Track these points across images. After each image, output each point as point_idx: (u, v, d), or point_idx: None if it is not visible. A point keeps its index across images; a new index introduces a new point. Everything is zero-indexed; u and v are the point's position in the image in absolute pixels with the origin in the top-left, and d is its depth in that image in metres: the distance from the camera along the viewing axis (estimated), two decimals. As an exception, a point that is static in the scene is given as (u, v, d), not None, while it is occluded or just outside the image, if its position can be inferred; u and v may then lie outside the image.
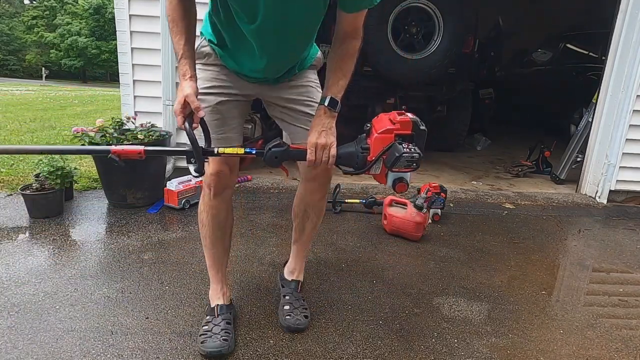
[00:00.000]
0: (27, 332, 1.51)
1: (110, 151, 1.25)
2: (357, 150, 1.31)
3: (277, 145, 1.29)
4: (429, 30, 3.90)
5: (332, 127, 1.30)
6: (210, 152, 1.28)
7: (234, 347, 1.48)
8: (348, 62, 1.34)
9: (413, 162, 1.24)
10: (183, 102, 1.21)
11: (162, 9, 2.92)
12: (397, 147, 1.24)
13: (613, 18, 3.30)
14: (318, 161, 1.28)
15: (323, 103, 1.31)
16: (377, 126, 1.30)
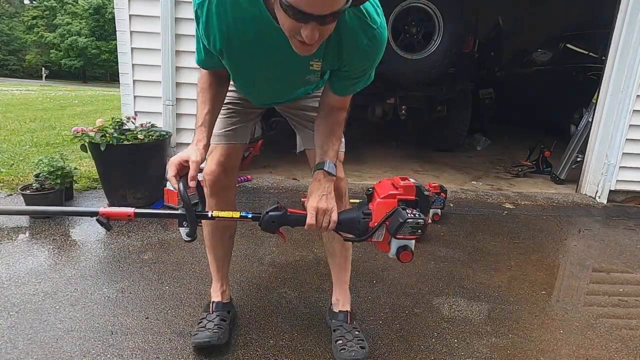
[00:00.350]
0: (27, 332, 1.51)
1: (98, 212, 1.21)
2: (358, 215, 1.25)
3: (274, 210, 1.24)
4: (429, 30, 3.90)
5: (331, 191, 1.27)
6: (204, 215, 1.25)
7: (227, 341, 1.48)
8: (339, 129, 1.35)
9: (418, 228, 1.17)
10: (184, 161, 1.21)
11: (162, 9, 2.92)
12: (401, 213, 1.18)
13: (613, 18, 3.30)
14: (318, 226, 1.23)
15: (322, 168, 1.28)
16: (379, 191, 1.26)
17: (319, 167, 1.29)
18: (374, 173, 3.90)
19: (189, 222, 1.21)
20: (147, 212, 1.34)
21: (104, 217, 1.21)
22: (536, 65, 6.68)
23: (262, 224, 1.24)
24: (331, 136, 1.32)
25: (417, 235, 1.19)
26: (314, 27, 0.92)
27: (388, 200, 1.22)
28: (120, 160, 2.66)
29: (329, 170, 1.28)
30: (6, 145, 4.40)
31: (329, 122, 1.33)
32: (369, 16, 1.10)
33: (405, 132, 5.62)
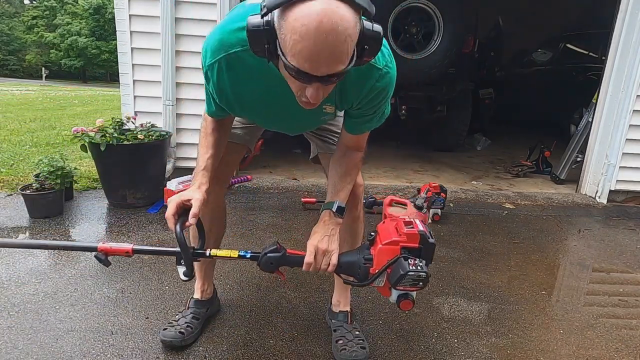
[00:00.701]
0: (27, 332, 1.51)
1: (96, 248, 1.20)
2: (359, 260, 1.21)
3: (273, 250, 1.21)
4: (429, 30, 3.90)
5: (335, 234, 1.24)
6: (201, 254, 1.23)
7: (192, 342, 1.49)
8: (354, 170, 1.34)
9: (419, 281, 1.13)
10: (185, 200, 1.19)
11: (162, 9, 2.92)
12: (402, 264, 1.13)
13: (613, 18, 3.30)
14: (317, 266, 1.20)
15: (330, 208, 1.26)
16: (382, 235, 1.21)
17: (327, 206, 1.27)
18: (373, 173, 3.91)
19: (185, 262, 1.19)
20: (145, 248, 1.35)
21: (102, 254, 1.21)
22: (536, 65, 6.68)
23: (260, 265, 1.22)
24: (346, 176, 1.31)
25: (419, 287, 1.14)
26: (319, 87, 0.93)
27: (390, 247, 1.17)
28: (120, 160, 2.67)
29: (336, 211, 1.26)
30: (6, 145, 4.40)
31: (344, 163, 1.32)
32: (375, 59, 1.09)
33: (405, 132, 5.62)
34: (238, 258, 1.23)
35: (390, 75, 1.15)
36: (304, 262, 1.19)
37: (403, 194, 3.27)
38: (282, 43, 0.88)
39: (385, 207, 2.62)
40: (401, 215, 2.54)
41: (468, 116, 4.85)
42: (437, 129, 5.09)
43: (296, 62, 0.87)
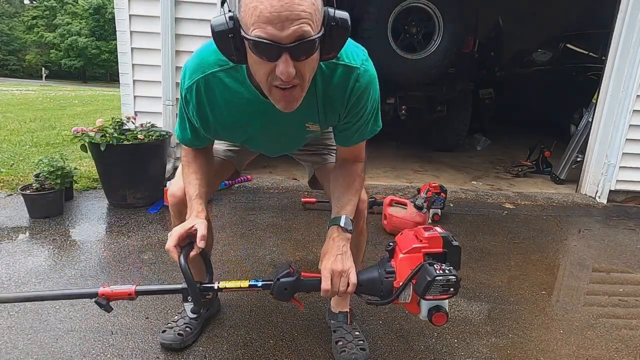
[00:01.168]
0: (27, 332, 1.51)
1: (97, 294, 1.12)
2: (380, 274, 1.12)
3: (286, 275, 1.12)
4: (429, 30, 3.90)
5: (347, 250, 1.16)
6: (209, 287, 1.15)
7: (191, 343, 1.49)
8: (358, 180, 1.27)
9: (450, 286, 1.03)
10: (189, 228, 1.13)
11: (162, 9, 2.92)
12: (428, 270, 1.04)
13: (613, 18, 3.30)
14: (334, 290, 1.11)
15: (337, 223, 1.19)
16: (401, 245, 1.12)
17: (334, 222, 1.20)
18: (373, 173, 3.91)
19: (193, 298, 1.12)
20: (149, 289, 1.25)
21: (103, 299, 1.13)
22: (536, 65, 6.68)
23: (273, 293, 1.13)
24: (350, 188, 1.25)
25: (450, 294, 1.04)
26: (287, 60, 0.88)
27: (412, 254, 1.08)
28: (120, 160, 2.67)
29: (344, 226, 1.18)
30: (6, 145, 4.40)
31: (346, 174, 1.27)
32: (348, 58, 1.09)
33: (405, 132, 5.62)
34: (249, 288, 1.17)
35: (370, 74, 1.12)
36: (322, 289, 1.10)
37: (403, 194, 3.27)
38: (243, 21, 0.87)
39: (385, 207, 2.62)
40: (401, 215, 2.54)
41: (468, 116, 4.85)
42: (437, 129, 5.09)
43: (259, 30, 0.84)
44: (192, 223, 1.14)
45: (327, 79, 1.09)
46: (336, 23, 0.90)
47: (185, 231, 1.13)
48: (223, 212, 2.78)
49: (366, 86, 1.12)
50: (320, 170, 1.52)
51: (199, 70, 1.10)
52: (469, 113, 4.84)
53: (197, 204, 1.20)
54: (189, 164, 1.28)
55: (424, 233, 1.10)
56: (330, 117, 1.17)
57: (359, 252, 1.51)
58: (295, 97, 0.98)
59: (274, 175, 3.57)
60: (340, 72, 1.08)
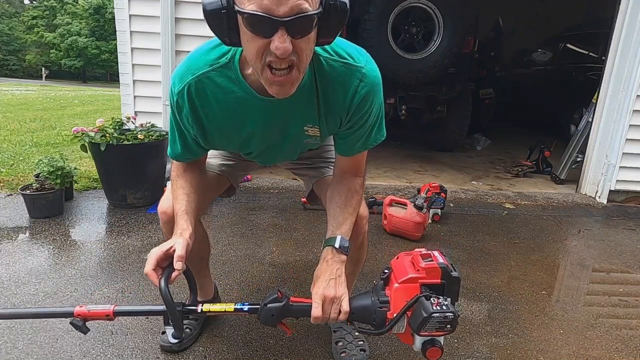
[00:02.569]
0: (27, 332, 1.51)
1: (72, 313, 1.07)
2: (374, 303, 1.06)
3: (273, 301, 1.06)
4: (429, 30, 3.90)
5: (341, 274, 1.10)
6: (192, 310, 1.09)
7: (190, 344, 1.49)
8: (355, 198, 1.20)
9: (446, 323, 0.97)
10: (167, 249, 1.05)
11: (162, 9, 2.93)
12: (424, 305, 0.98)
13: (613, 18, 3.30)
14: (325, 317, 1.05)
15: (332, 244, 1.12)
16: (397, 272, 1.06)
17: (328, 242, 1.14)
18: (373, 173, 3.91)
19: (174, 324, 1.05)
20: (128, 309, 1.18)
21: (79, 319, 1.07)
22: (536, 65, 6.68)
23: (260, 318, 1.07)
24: (347, 207, 1.18)
25: (447, 331, 0.99)
26: (283, 34, 0.82)
27: (408, 284, 1.03)
28: (121, 160, 2.67)
29: (339, 247, 1.12)
30: (6, 145, 4.40)
31: (343, 191, 1.20)
32: (351, 57, 1.04)
33: (405, 132, 5.62)
34: (234, 312, 1.10)
35: (375, 76, 1.07)
36: (312, 316, 1.04)
37: (403, 194, 3.27)
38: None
39: (385, 207, 2.62)
40: (401, 215, 2.54)
41: (468, 116, 4.86)
42: (437, 129, 5.09)
43: (254, 5, 0.80)
44: (171, 243, 1.07)
45: (328, 77, 1.04)
46: (335, 2, 0.86)
47: (164, 252, 1.05)
48: (223, 212, 2.78)
49: (371, 88, 1.06)
50: (318, 184, 1.46)
51: (188, 72, 1.06)
52: (469, 113, 4.84)
53: (182, 221, 1.13)
54: (177, 179, 1.22)
55: (422, 262, 1.04)
56: (331, 121, 1.11)
57: (358, 265, 1.46)
58: (290, 80, 0.91)
59: (274, 175, 3.57)
60: (342, 70, 1.03)
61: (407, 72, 3.88)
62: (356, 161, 1.21)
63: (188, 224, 1.13)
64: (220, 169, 1.46)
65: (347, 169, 1.22)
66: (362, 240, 1.36)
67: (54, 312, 1.20)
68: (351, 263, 1.39)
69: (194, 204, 1.19)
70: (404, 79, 3.96)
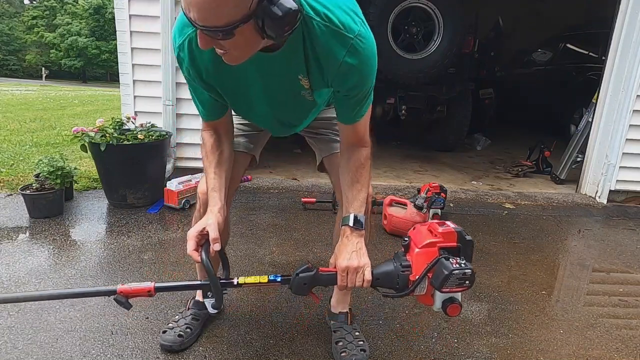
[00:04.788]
0: (27, 332, 1.51)
1: (115, 291, 1.15)
2: (396, 268, 1.15)
3: (304, 270, 1.16)
4: (429, 30, 3.90)
5: (362, 247, 1.19)
6: (229, 283, 1.18)
7: (191, 344, 1.49)
8: (363, 173, 1.25)
9: (465, 279, 1.08)
10: (201, 230, 1.17)
11: (162, 9, 2.92)
12: (445, 264, 1.08)
13: (613, 18, 3.30)
14: (350, 286, 1.17)
15: (347, 223, 1.21)
16: (416, 239, 1.16)
17: (344, 222, 1.22)
18: (374, 173, 3.87)
19: (215, 294, 1.15)
20: (168, 285, 1.26)
21: (122, 296, 1.15)
22: (536, 65, 6.68)
23: (292, 288, 1.17)
24: (356, 183, 1.24)
25: (466, 286, 1.09)
26: (201, 34, 0.92)
27: (428, 249, 1.12)
28: (120, 160, 2.67)
29: (354, 225, 1.20)
30: (6, 145, 4.40)
31: (351, 168, 1.25)
32: (343, 25, 1.01)
33: (405, 132, 5.62)
34: (268, 283, 1.20)
35: (366, 46, 1.04)
36: (338, 286, 1.16)
37: (403, 194, 3.27)
38: None
39: (385, 207, 2.62)
40: (401, 215, 2.54)
41: (468, 116, 4.85)
42: (437, 129, 5.09)
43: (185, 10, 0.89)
44: (203, 225, 1.17)
45: (317, 40, 1.03)
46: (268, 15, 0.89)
47: (199, 233, 1.17)
48: (223, 212, 2.77)
49: (359, 60, 1.05)
50: (327, 160, 1.51)
51: (188, 25, 1.07)
52: (469, 113, 4.84)
53: (212, 198, 1.24)
54: (207, 155, 1.30)
55: (439, 228, 1.13)
56: (318, 76, 1.11)
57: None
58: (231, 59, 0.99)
59: (274, 175, 3.57)
60: (331, 37, 1.02)
61: (407, 72, 3.88)
62: (357, 130, 1.24)
63: (216, 200, 1.23)
64: (243, 146, 1.51)
65: (351, 138, 1.25)
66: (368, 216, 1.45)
67: (98, 291, 1.28)
68: None
69: (223, 179, 1.28)
70: (404, 79, 3.96)
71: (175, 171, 3.16)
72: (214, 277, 1.13)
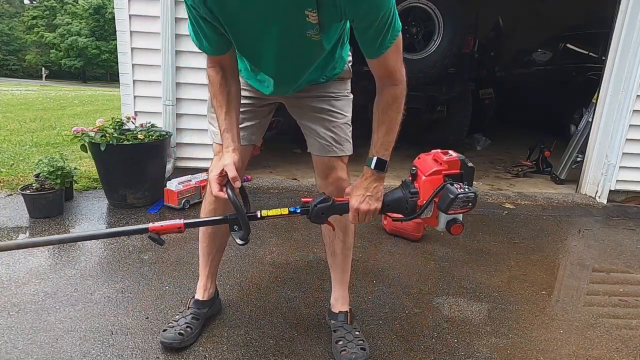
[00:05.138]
0: (27, 332, 1.51)
1: (148, 229, 1.21)
2: (405, 195, 1.26)
3: (322, 201, 1.25)
4: (429, 30, 3.90)
5: (378, 191, 1.25)
6: (252, 216, 1.24)
7: (191, 343, 1.49)
8: (390, 114, 1.22)
9: (469, 201, 1.18)
10: (221, 172, 1.22)
11: (162, 9, 2.92)
12: (450, 189, 1.18)
13: (613, 18, 3.30)
14: (361, 222, 1.27)
15: (369, 165, 1.24)
16: (422, 168, 1.26)
17: (366, 163, 1.26)
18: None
19: (243, 226, 1.20)
20: (197, 221, 1.32)
21: (154, 233, 1.21)
22: (536, 65, 6.68)
23: (311, 217, 1.26)
24: (382, 125, 1.23)
25: (469, 208, 1.20)
26: None
27: (434, 177, 1.23)
28: (120, 160, 2.67)
29: (375, 169, 1.24)
30: (6, 145, 4.40)
31: (379, 106, 1.22)
32: None
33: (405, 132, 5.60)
34: (289, 214, 1.27)
35: None
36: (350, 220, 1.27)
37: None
38: None
39: (385, 207, 2.62)
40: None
41: (468, 116, 4.85)
42: (437, 129, 5.08)
43: None
44: (221, 166, 1.22)
45: None
46: None
47: (220, 174, 1.22)
48: (223, 212, 2.78)
49: None
50: (313, 157, 1.49)
51: None
52: (469, 113, 4.84)
53: (226, 139, 1.27)
54: (215, 96, 1.29)
55: (443, 157, 1.23)
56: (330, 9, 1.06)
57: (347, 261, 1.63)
58: None
59: (274, 175, 3.57)
60: None
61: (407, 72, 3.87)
62: (386, 64, 1.17)
63: (230, 141, 1.26)
64: (244, 139, 1.46)
65: (380, 74, 1.20)
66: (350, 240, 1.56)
67: (131, 230, 1.32)
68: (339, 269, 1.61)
69: (233, 119, 1.29)
70: (404, 79, 3.95)
71: (175, 171, 3.16)
72: (241, 210, 1.19)
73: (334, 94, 1.45)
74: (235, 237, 1.23)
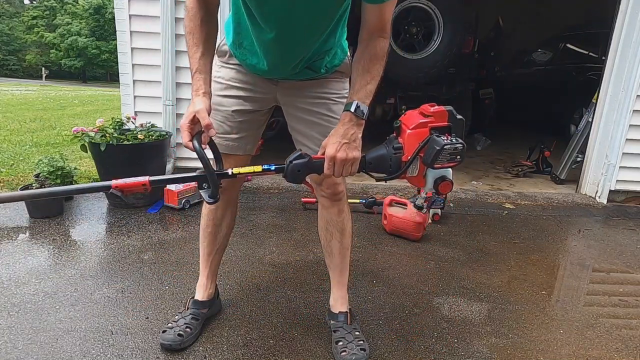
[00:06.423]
0: (27, 332, 1.51)
1: (110, 186, 1.14)
2: (388, 152, 1.15)
3: (298, 157, 1.15)
4: (429, 30, 3.90)
5: (356, 138, 1.15)
6: (223, 174, 1.16)
7: (191, 344, 1.49)
8: (376, 65, 1.20)
9: (457, 154, 1.08)
10: (192, 118, 1.14)
11: (162, 9, 2.93)
12: (436, 140, 1.08)
13: (613, 18, 3.30)
14: (338, 175, 1.16)
15: (348, 109, 1.17)
16: (407, 122, 1.15)
17: (345, 108, 1.18)
18: (374, 173, 3.90)
19: (211, 182, 1.12)
20: (162, 178, 1.20)
21: (117, 190, 1.14)
22: (536, 65, 6.68)
23: (287, 175, 1.15)
24: (366, 73, 1.19)
25: (457, 161, 1.10)
26: None
27: (419, 130, 1.12)
28: (120, 160, 2.67)
29: (355, 112, 1.15)
30: (6, 145, 4.40)
31: (366, 55, 1.19)
32: None
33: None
34: (262, 172, 1.18)
35: None
36: (324, 173, 1.16)
37: (403, 194, 3.27)
38: None
39: (385, 207, 2.62)
40: (401, 215, 2.54)
41: (468, 116, 4.85)
42: (436, 129, 5.08)
43: None
44: (192, 112, 1.14)
45: None
46: None
47: (191, 122, 1.14)
48: (223, 212, 2.77)
49: None
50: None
51: None
52: (469, 113, 4.84)
53: (196, 80, 1.20)
54: (192, 33, 1.22)
55: (430, 109, 1.14)
56: None
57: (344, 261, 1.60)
58: None
59: (274, 175, 3.56)
60: None
61: (407, 72, 3.88)
62: (383, 13, 1.17)
63: (202, 83, 1.19)
64: (239, 149, 1.46)
65: (373, 24, 1.18)
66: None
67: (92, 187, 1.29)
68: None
69: (204, 59, 1.22)
70: (404, 79, 3.96)
71: (175, 171, 3.16)
72: (210, 168, 1.11)
73: (331, 97, 1.42)
74: (204, 195, 1.15)
